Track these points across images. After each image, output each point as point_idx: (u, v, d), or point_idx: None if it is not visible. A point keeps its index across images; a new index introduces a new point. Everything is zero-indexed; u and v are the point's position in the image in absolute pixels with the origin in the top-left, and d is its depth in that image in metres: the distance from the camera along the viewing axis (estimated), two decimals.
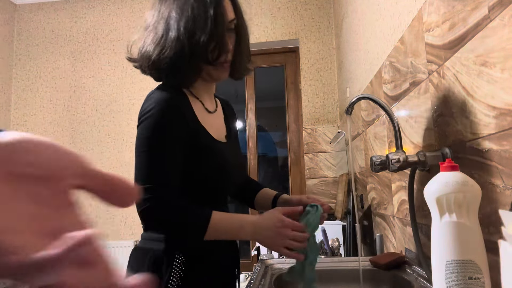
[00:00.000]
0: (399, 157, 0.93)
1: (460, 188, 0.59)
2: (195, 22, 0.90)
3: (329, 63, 3.17)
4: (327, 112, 3.12)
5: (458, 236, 0.58)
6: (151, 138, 0.88)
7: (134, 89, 3.44)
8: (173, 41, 0.91)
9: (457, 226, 0.58)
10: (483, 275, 0.56)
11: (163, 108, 0.89)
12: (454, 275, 0.56)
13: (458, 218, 0.58)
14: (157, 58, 0.92)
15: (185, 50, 0.90)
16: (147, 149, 0.88)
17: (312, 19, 3.23)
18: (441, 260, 0.58)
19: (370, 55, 1.72)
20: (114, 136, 3.41)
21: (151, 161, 0.87)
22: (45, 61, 3.56)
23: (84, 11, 3.58)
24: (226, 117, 1.12)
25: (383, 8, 1.44)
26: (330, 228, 2.02)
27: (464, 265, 0.56)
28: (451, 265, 0.57)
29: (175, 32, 0.91)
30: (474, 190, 0.59)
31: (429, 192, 0.63)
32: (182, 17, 0.91)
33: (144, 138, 0.89)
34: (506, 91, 0.62)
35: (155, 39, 0.94)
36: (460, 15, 0.78)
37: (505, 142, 0.63)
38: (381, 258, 1.16)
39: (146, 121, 0.90)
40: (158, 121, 0.88)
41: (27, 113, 3.51)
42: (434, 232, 0.62)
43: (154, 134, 0.88)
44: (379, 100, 1.04)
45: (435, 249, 0.61)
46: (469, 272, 0.55)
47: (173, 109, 0.90)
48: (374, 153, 1.67)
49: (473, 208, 0.59)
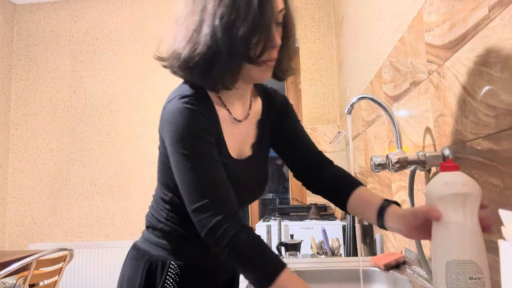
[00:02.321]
0: (399, 157, 0.93)
1: (460, 188, 0.58)
2: (235, 11, 0.75)
3: (329, 63, 3.17)
4: (327, 112, 3.12)
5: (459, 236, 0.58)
6: (189, 152, 0.76)
7: (134, 89, 3.44)
8: (206, 35, 0.76)
9: (458, 226, 0.58)
10: (483, 276, 0.55)
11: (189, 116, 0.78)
12: (454, 275, 0.56)
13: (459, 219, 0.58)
14: (187, 56, 0.78)
15: (220, 44, 0.75)
16: (189, 165, 0.76)
17: (312, 19, 3.23)
18: (442, 260, 0.58)
19: (370, 55, 1.72)
20: (114, 136, 3.40)
21: (198, 177, 0.76)
22: (45, 61, 3.56)
23: (84, 11, 3.57)
24: (262, 120, 0.96)
25: (383, 8, 1.44)
26: (330, 228, 2.02)
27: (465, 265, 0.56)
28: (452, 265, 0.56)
29: (209, 23, 0.76)
30: (475, 190, 0.59)
31: (430, 192, 0.62)
32: (220, 5, 0.76)
33: (180, 154, 0.77)
34: (506, 91, 0.62)
35: (186, 34, 0.79)
36: (460, 15, 0.78)
37: (505, 142, 0.63)
38: (381, 258, 1.16)
39: (175, 135, 0.78)
40: (188, 132, 0.77)
41: (27, 113, 3.51)
42: (434, 232, 0.62)
43: (189, 147, 0.77)
44: (379, 100, 1.04)
45: (435, 249, 0.60)
46: (470, 273, 0.55)
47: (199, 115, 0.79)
48: (374, 153, 1.67)
49: (474, 208, 0.58)
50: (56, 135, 3.46)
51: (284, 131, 0.99)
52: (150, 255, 0.88)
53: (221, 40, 0.75)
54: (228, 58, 0.76)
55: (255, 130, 0.94)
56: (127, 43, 3.50)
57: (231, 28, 0.75)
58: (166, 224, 0.89)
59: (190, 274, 0.88)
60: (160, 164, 0.91)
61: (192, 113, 0.78)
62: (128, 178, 3.35)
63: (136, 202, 3.32)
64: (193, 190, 0.75)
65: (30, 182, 3.43)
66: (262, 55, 0.79)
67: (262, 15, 0.75)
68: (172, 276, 0.86)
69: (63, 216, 3.36)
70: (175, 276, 0.86)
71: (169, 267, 0.87)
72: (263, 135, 0.96)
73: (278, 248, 1.80)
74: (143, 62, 3.46)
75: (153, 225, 0.92)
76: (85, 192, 3.37)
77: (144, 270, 0.87)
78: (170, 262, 0.87)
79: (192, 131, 0.77)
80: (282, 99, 1.02)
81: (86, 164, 3.40)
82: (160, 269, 0.87)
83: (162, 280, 0.86)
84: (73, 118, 3.47)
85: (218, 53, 0.76)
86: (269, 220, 2.39)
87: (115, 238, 3.28)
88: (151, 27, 3.49)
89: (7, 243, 3.38)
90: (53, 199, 3.39)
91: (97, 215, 3.33)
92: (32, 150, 3.46)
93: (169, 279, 0.86)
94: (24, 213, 3.40)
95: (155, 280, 0.86)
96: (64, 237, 3.33)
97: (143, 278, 0.86)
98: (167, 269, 0.86)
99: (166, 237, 0.89)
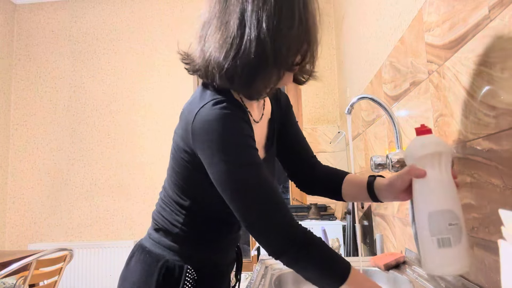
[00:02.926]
0: (399, 157, 0.93)
1: (436, 147, 0.66)
2: (280, 17, 0.70)
3: (329, 63, 3.17)
4: (327, 112, 3.12)
5: (438, 189, 0.66)
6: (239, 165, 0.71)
7: (134, 89, 3.44)
8: (252, 42, 0.70)
9: (437, 181, 0.66)
10: (460, 221, 0.63)
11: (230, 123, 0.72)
12: (436, 223, 0.64)
13: (437, 174, 0.66)
14: (230, 65, 0.72)
15: (268, 53, 0.70)
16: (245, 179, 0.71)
17: None
18: (424, 212, 0.66)
19: (370, 55, 1.72)
20: (114, 136, 3.41)
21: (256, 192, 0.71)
22: (45, 61, 3.56)
23: (84, 11, 3.58)
24: (272, 119, 0.94)
25: (383, 8, 1.44)
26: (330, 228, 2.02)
27: (444, 214, 0.64)
28: (434, 215, 0.64)
29: (254, 29, 0.70)
30: (448, 149, 0.67)
31: (409, 154, 0.70)
32: (264, 10, 0.70)
33: (229, 171, 0.71)
34: (506, 91, 0.62)
35: (225, 41, 0.72)
36: (460, 15, 0.78)
37: (505, 142, 0.63)
38: (381, 258, 1.16)
39: (219, 146, 0.71)
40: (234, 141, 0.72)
41: (27, 113, 3.51)
42: (415, 188, 0.69)
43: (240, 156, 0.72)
44: (380, 100, 1.04)
45: (417, 203, 0.68)
46: (449, 219, 0.63)
47: (238, 120, 0.74)
48: (374, 153, 1.67)
49: (448, 165, 0.66)
50: (56, 135, 3.46)
51: (287, 132, 0.99)
52: (165, 260, 0.85)
53: (269, 48, 0.70)
54: (273, 68, 0.73)
55: (267, 130, 0.93)
56: (127, 43, 3.50)
57: (278, 35, 0.70)
58: (182, 229, 0.86)
59: (207, 278, 0.87)
60: (178, 167, 0.85)
61: (233, 119, 0.73)
62: (128, 178, 3.35)
63: (136, 202, 3.32)
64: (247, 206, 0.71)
65: (30, 182, 3.43)
66: (302, 62, 0.76)
67: (307, 21, 0.73)
68: (189, 281, 0.84)
69: (63, 216, 3.36)
70: (192, 281, 0.84)
71: (187, 272, 0.84)
72: (273, 135, 0.94)
73: None
74: (143, 62, 3.46)
75: (165, 228, 0.88)
76: (85, 192, 3.37)
77: (160, 276, 0.83)
78: (187, 267, 0.84)
79: (236, 138, 0.72)
80: (286, 98, 1.02)
81: (86, 164, 3.40)
82: (177, 274, 0.84)
83: (181, 284, 0.83)
84: (73, 118, 3.47)
85: (265, 62, 0.71)
86: None
87: (115, 238, 3.28)
88: (151, 27, 3.49)
89: (7, 243, 3.38)
90: (53, 199, 3.39)
91: (97, 215, 3.33)
92: (32, 150, 3.46)
93: (187, 284, 0.84)
94: (24, 213, 3.40)
95: (172, 285, 0.83)
96: (64, 237, 3.33)
97: (159, 283, 0.83)
98: (185, 274, 0.84)
99: (181, 242, 0.86)
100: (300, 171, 1.00)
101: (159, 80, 3.40)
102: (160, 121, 3.37)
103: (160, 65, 3.40)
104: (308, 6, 0.73)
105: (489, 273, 0.71)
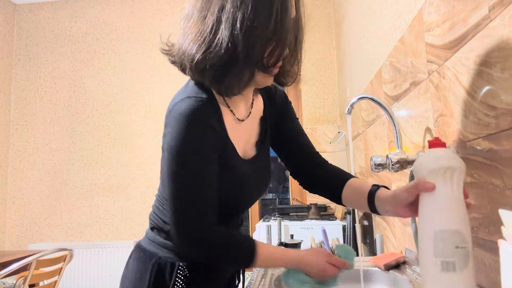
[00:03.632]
0: (399, 157, 0.93)
1: (450, 161, 0.61)
2: (257, 17, 0.72)
3: (329, 63, 3.17)
4: (327, 112, 3.12)
5: (448, 207, 0.60)
6: (184, 160, 0.76)
7: (134, 89, 3.44)
8: (224, 38, 0.73)
9: (447, 198, 0.61)
10: (468, 245, 0.58)
11: (193, 125, 0.76)
12: (442, 244, 0.58)
13: (447, 191, 0.61)
14: (201, 59, 0.75)
15: (239, 50, 0.73)
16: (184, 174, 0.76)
17: (312, 19, 3.23)
18: (430, 230, 0.61)
19: (370, 55, 1.72)
20: (114, 136, 3.41)
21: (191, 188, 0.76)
22: (45, 61, 3.56)
23: (84, 11, 3.58)
24: (264, 117, 0.96)
25: (383, 8, 1.44)
26: (330, 228, 2.02)
27: (452, 234, 0.58)
28: (440, 235, 0.59)
29: (228, 26, 0.73)
30: (462, 164, 0.62)
31: (420, 166, 0.65)
32: (240, 8, 0.72)
33: (175, 163, 0.76)
34: (506, 91, 0.62)
35: (200, 34, 0.75)
36: (460, 15, 0.78)
37: (505, 142, 0.63)
38: (381, 258, 1.16)
39: (175, 142, 0.76)
40: (189, 140, 0.76)
41: (27, 113, 3.51)
42: (422, 203, 0.64)
43: (188, 156, 0.76)
44: (379, 100, 1.04)
45: (423, 220, 0.63)
46: (456, 242, 0.58)
47: (204, 125, 0.78)
48: (374, 153, 1.67)
49: (460, 182, 0.61)
50: (56, 135, 3.46)
51: (285, 128, 0.99)
52: (158, 257, 0.88)
53: (241, 45, 0.72)
54: (244, 66, 0.75)
55: (258, 128, 0.94)
56: (127, 43, 3.50)
57: (252, 34, 0.72)
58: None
59: (198, 274, 0.88)
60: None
61: (199, 122, 0.77)
62: (128, 178, 3.35)
63: (136, 202, 3.32)
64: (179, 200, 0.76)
65: (30, 182, 3.43)
66: (276, 63, 0.78)
67: (282, 24, 0.74)
68: (181, 278, 0.86)
69: (63, 216, 3.36)
70: (184, 277, 0.86)
71: (178, 268, 0.86)
72: (266, 133, 0.95)
73: None
74: (143, 62, 3.46)
75: (158, 226, 0.91)
76: (85, 192, 3.37)
77: (152, 272, 0.86)
78: (179, 263, 0.87)
79: (193, 144, 0.76)
80: (283, 94, 1.02)
81: (86, 164, 3.40)
82: (169, 271, 0.86)
83: (172, 281, 0.85)
84: (73, 118, 3.47)
85: (236, 59, 0.73)
86: (269, 220, 2.39)
87: (115, 238, 3.28)
88: (151, 27, 3.49)
89: (7, 243, 3.38)
90: (53, 199, 3.39)
91: (97, 215, 3.33)
92: (32, 150, 3.46)
93: (179, 280, 0.86)
94: (24, 213, 3.40)
95: (164, 282, 0.86)
96: (64, 237, 3.33)
97: (151, 280, 0.86)
98: (177, 270, 0.86)
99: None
100: (301, 168, 0.99)
101: (159, 80, 3.40)
102: (160, 121, 3.36)
103: (160, 65, 3.40)
104: (287, 9, 0.74)
105: (489, 273, 0.71)
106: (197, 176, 0.76)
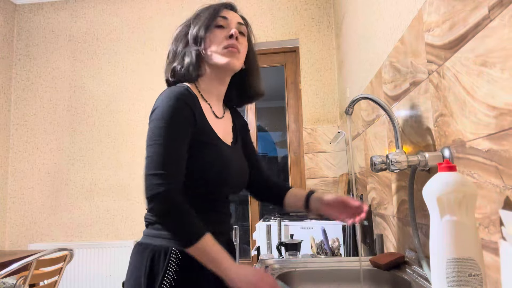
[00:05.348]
0: (399, 157, 0.93)
1: (459, 187, 0.60)
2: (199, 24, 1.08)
3: (329, 63, 3.17)
4: (327, 112, 3.12)
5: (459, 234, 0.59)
6: (163, 130, 0.93)
7: (134, 89, 3.44)
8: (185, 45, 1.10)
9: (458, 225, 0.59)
10: (481, 272, 0.57)
11: (174, 102, 0.96)
12: (455, 273, 0.57)
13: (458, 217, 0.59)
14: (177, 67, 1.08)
15: (189, 41, 1.07)
16: (161, 140, 0.92)
17: (312, 19, 3.24)
18: (442, 258, 0.59)
19: (370, 55, 1.72)
20: (114, 136, 3.40)
21: (164, 151, 0.91)
22: (45, 61, 3.56)
23: (84, 11, 3.58)
24: (234, 125, 1.18)
25: (383, 8, 1.44)
26: (330, 228, 2.02)
27: (465, 262, 0.57)
28: (452, 263, 0.58)
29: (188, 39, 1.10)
30: (472, 190, 0.61)
31: (429, 192, 0.63)
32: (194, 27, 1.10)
33: (157, 129, 0.94)
34: (506, 91, 0.62)
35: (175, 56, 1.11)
36: (460, 15, 0.78)
37: (505, 142, 0.63)
38: (381, 258, 1.16)
39: (158, 114, 0.95)
40: (170, 114, 0.94)
41: (27, 113, 3.51)
42: (433, 231, 0.62)
43: (167, 126, 0.93)
44: (379, 100, 1.04)
45: (435, 248, 0.62)
46: (469, 270, 0.57)
47: (183, 104, 0.97)
48: (374, 153, 1.67)
49: (471, 207, 0.60)
50: (56, 135, 3.46)
51: (244, 143, 1.21)
52: (153, 246, 0.96)
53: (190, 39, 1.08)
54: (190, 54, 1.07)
55: (231, 132, 1.14)
56: (127, 43, 3.50)
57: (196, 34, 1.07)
58: None
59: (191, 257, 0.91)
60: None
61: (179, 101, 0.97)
62: (128, 178, 3.35)
63: (136, 202, 3.32)
64: (156, 160, 0.90)
65: (30, 182, 3.43)
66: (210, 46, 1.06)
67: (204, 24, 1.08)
68: (174, 260, 0.94)
69: (63, 216, 3.36)
70: (177, 260, 0.94)
71: (171, 253, 0.94)
72: (237, 139, 1.15)
73: (278, 248, 1.80)
74: (143, 62, 3.46)
75: (152, 221, 1.01)
76: (85, 192, 3.37)
77: (148, 259, 0.95)
78: (172, 248, 0.94)
79: (175, 115, 0.95)
80: (244, 120, 1.27)
81: (86, 164, 3.40)
82: (163, 256, 0.94)
83: (165, 265, 0.93)
84: (73, 118, 3.47)
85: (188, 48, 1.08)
86: (269, 220, 2.39)
87: (115, 238, 3.28)
88: (151, 27, 3.49)
89: (7, 243, 3.38)
90: (53, 199, 3.39)
91: (97, 215, 3.33)
92: (32, 150, 3.46)
93: (171, 263, 0.93)
94: (24, 213, 3.40)
95: (158, 266, 0.93)
96: (64, 237, 3.33)
97: (147, 266, 0.93)
98: (169, 255, 0.94)
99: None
100: (254, 182, 1.21)
101: (159, 80, 3.40)
102: None
103: (160, 65, 3.40)
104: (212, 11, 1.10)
105: (489, 273, 0.71)
106: (172, 142, 0.92)
